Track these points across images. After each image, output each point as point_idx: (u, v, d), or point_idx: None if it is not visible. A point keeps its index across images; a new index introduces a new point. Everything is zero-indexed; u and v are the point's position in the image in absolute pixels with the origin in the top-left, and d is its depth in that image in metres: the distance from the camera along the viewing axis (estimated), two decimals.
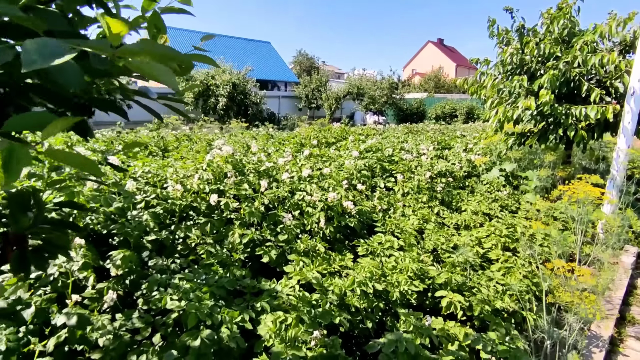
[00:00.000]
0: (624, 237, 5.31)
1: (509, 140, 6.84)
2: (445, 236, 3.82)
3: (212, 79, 20.36)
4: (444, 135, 10.17)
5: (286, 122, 21.86)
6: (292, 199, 3.73)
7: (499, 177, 6.23)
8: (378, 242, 3.47)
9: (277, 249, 3.12)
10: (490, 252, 3.66)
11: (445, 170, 5.98)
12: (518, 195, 6.00)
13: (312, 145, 6.24)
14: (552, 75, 5.24)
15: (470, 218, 4.44)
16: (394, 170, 5.41)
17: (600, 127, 5.89)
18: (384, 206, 4.50)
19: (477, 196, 5.40)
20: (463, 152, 6.77)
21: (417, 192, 4.96)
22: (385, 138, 8.04)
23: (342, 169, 4.85)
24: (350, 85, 26.17)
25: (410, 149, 6.68)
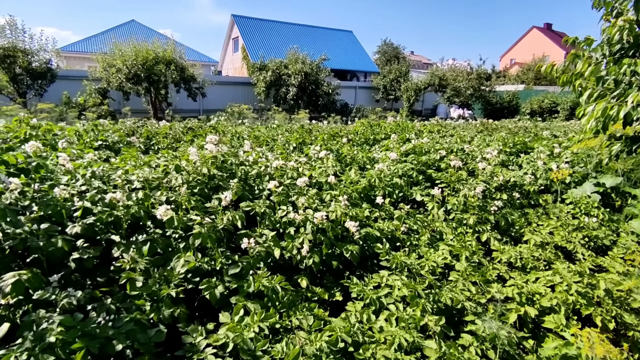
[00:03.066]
0: None
1: (614, 145, 5.15)
2: (483, 281, 2.70)
3: (284, 68, 20.18)
4: (529, 134, 8.39)
5: (355, 113, 20.87)
6: (275, 215, 2.92)
7: (590, 194, 4.67)
8: (375, 284, 2.51)
9: (227, 284, 2.36)
10: (546, 317, 2.46)
11: (511, 182, 4.64)
12: (619, 223, 4.41)
13: (342, 143, 5.31)
14: None
15: (531, 254, 3.19)
16: (439, 180, 4.27)
17: None
18: (413, 227, 3.47)
19: (553, 221, 4.02)
20: (544, 158, 5.26)
21: (463, 210, 3.80)
22: (443, 137, 6.74)
23: (365, 176, 3.89)
24: (432, 75, 24.09)
25: (472, 151, 5.39)
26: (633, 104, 3.94)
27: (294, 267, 2.83)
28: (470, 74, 24.12)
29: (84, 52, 28.62)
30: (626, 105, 4.01)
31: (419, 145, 4.87)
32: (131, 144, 4.94)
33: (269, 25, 31.85)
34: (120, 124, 6.11)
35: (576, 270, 2.76)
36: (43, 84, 16.59)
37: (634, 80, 4.24)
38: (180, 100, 19.65)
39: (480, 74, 24.41)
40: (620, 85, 4.34)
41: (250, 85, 22.12)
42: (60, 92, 17.15)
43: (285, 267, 2.90)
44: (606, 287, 2.69)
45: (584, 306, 2.47)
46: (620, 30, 4.21)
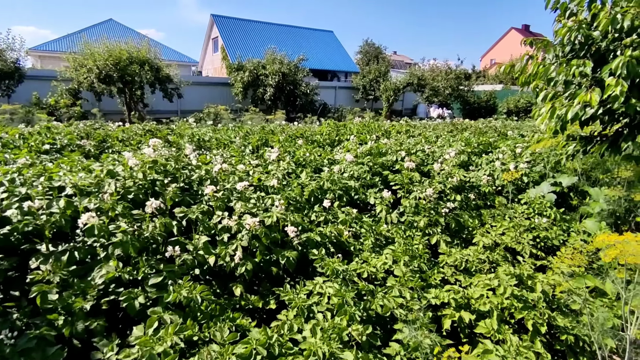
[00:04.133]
0: None
1: (570, 145, 5.20)
2: (420, 287, 2.65)
3: (262, 68, 20.01)
4: (497, 134, 8.47)
5: (332, 113, 20.85)
6: (210, 221, 2.81)
7: (547, 194, 4.69)
8: (307, 292, 2.43)
9: (148, 294, 2.25)
10: (480, 322, 2.42)
11: (469, 183, 4.63)
12: (571, 223, 4.45)
13: (298, 146, 5.23)
14: (629, 57, 3.66)
15: (477, 257, 3.17)
16: (393, 182, 4.23)
17: None
18: (361, 231, 3.41)
19: (506, 222, 4.02)
20: (503, 159, 5.28)
21: (415, 213, 3.76)
22: (410, 137, 6.73)
23: (315, 179, 3.82)
24: (411, 75, 24.24)
25: (432, 152, 5.37)
26: (580, 104, 3.97)
27: (230, 274, 2.74)
28: (448, 74, 24.37)
29: (59, 51, 27.83)
30: (573, 106, 4.04)
31: (375, 147, 4.82)
32: (82, 147, 4.76)
33: (249, 25, 31.59)
34: (74, 127, 5.88)
35: (514, 274, 2.74)
36: (10, 84, 16.05)
37: (584, 82, 4.27)
38: (157, 101, 19.28)
39: (458, 74, 24.68)
40: (570, 86, 4.38)
41: (228, 86, 21.88)
42: (30, 92, 16.62)
43: (221, 274, 2.80)
44: (543, 289, 2.67)
45: (518, 310, 2.44)
46: (570, 31, 4.23)
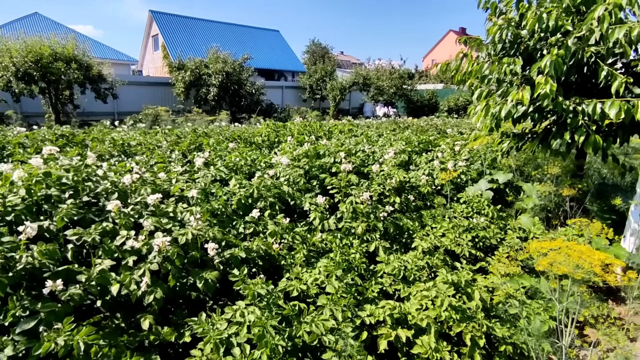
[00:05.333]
0: None
1: (504, 143, 5.29)
2: (354, 304, 2.42)
3: (205, 67, 19.15)
4: (437, 131, 8.59)
5: (278, 113, 20.50)
6: (112, 243, 2.39)
7: (481, 192, 4.70)
8: (227, 320, 2.11)
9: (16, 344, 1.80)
10: (418, 339, 2.23)
11: (409, 184, 4.52)
12: (507, 220, 4.48)
13: (231, 149, 4.86)
14: (555, 56, 3.69)
15: (415, 264, 3.00)
16: (331, 186, 3.99)
17: (626, 129, 4.29)
18: (296, 242, 3.13)
19: (445, 222, 3.93)
20: (441, 157, 5.25)
21: (353, 218, 3.54)
22: (352, 137, 6.57)
23: (244, 187, 3.48)
24: (356, 75, 24.45)
25: (373, 152, 5.22)
26: (513, 102, 3.99)
27: (139, 304, 2.34)
28: (393, 74, 24.89)
29: None
30: (506, 104, 4.05)
31: (312, 149, 4.57)
32: None
33: (191, 23, 30.27)
34: None
35: (452, 281, 2.59)
36: None
37: (515, 80, 4.32)
38: (91, 102, 17.77)
39: (402, 73, 25.29)
40: (502, 84, 4.42)
41: (170, 86, 20.72)
42: None
43: (129, 305, 2.39)
44: (481, 296, 2.55)
45: (456, 323, 2.28)
46: (501, 30, 4.26)
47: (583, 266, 1.83)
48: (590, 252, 1.87)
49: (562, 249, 1.91)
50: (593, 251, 1.89)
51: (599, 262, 1.81)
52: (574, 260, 1.83)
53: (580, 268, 1.84)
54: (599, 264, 1.80)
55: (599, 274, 1.78)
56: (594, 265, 1.79)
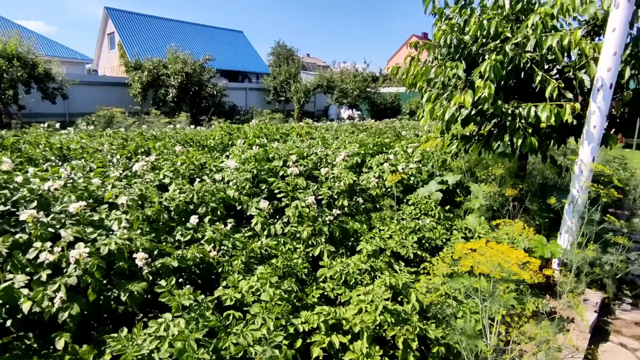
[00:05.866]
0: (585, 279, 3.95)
1: (453, 145, 5.43)
2: (289, 311, 2.36)
3: (163, 68, 18.56)
4: (397, 134, 8.72)
5: (241, 115, 20.22)
6: (24, 256, 2.21)
7: (429, 194, 4.79)
8: (152, 334, 1.99)
9: None
10: (352, 344, 2.21)
11: (359, 186, 4.53)
12: (454, 220, 4.59)
13: (179, 152, 4.69)
14: (494, 61, 3.81)
15: (357, 267, 2.99)
16: (278, 189, 3.93)
17: (561, 132, 4.50)
18: (237, 247, 3.03)
19: (393, 224, 3.96)
20: (393, 160, 5.32)
21: (299, 222, 3.49)
22: (309, 139, 6.54)
23: (185, 192, 3.35)
24: (321, 77, 24.56)
25: (325, 155, 5.19)
26: (456, 105, 4.09)
27: (54, 322, 2.16)
28: (356, 76, 25.18)
29: None
30: (450, 108, 4.15)
31: (262, 152, 4.49)
32: None
33: (150, 22, 29.30)
34: None
35: (391, 284, 2.59)
36: None
37: (459, 83, 4.44)
38: (38, 103, 16.74)
39: (366, 76, 25.63)
40: (448, 88, 4.52)
41: (126, 86, 19.92)
42: None
43: (44, 323, 2.21)
44: (417, 298, 2.57)
45: (390, 326, 2.27)
46: (445, 35, 4.36)
47: (503, 265, 1.86)
48: (509, 252, 1.91)
49: (484, 249, 1.95)
50: (512, 250, 1.93)
51: (516, 260, 1.85)
52: (493, 260, 1.86)
53: (501, 267, 1.88)
54: (516, 262, 1.84)
55: (516, 272, 1.82)
56: (511, 264, 1.83)
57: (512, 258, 1.84)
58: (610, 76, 3.70)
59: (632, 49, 4.01)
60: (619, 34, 3.61)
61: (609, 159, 7.82)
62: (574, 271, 3.88)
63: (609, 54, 3.67)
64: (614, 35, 3.63)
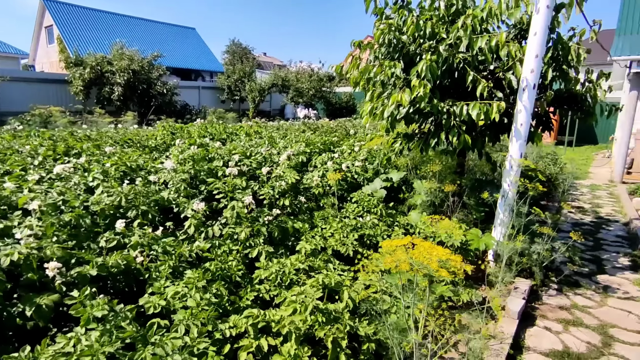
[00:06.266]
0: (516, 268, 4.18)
1: (397, 143, 5.54)
2: (216, 317, 2.28)
3: (108, 64, 17.58)
4: (347, 132, 8.80)
5: (193, 115, 19.64)
6: None
7: (372, 192, 4.87)
8: (39, 353, 1.83)
9: None
10: (281, 347, 2.17)
11: (302, 185, 4.50)
12: (397, 216, 4.68)
13: (111, 153, 4.45)
14: (429, 61, 3.92)
15: (296, 266, 2.96)
16: (217, 190, 3.81)
17: (494, 130, 4.73)
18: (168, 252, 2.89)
19: (335, 223, 3.97)
20: (336, 159, 5.34)
21: (237, 224, 3.40)
22: (257, 139, 6.44)
23: (113, 195, 3.16)
24: (275, 76, 24.36)
25: (269, 154, 5.12)
26: (394, 104, 4.18)
27: None
28: (312, 76, 25.22)
29: None
30: (389, 106, 4.23)
31: (200, 151, 4.34)
32: None
33: (93, 15, 27.63)
34: None
35: (323, 283, 2.58)
36: None
37: (398, 83, 4.54)
38: None
39: (321, 76, 25.73)
40: (387, 87, 4.61)
41: (67, 84, 18.65)
42: None
43: None
44: (350, 296, 2.57)
45: (320, 326, 2.26)
46: (383, 34, 4.44)
47: (424, 262, 1.90)
48: (431, 249, 1.95)
49: (418, 247, 1.98)
50: (435, 247, 1.98)
51: (437, 257, 1.90)
52: (416, 258, 1.90)
53: (423, 265, 1.92)
54: (436, 259, 1.89)
55: (435, 268, 1.87)
56: (432, 261, 1.87)
57: (433, 255, 1.89)
58: (533, 77, 3.93)
59: (552, 52, 4.28)
60: (540, 37, 3.84)
61: (542, 155, 8.36)
62: (505, 261, 4.09)
63: (532, 56, 3.89)
64: (536, 38, 3.86)
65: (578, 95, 4.63)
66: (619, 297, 4.02)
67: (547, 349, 3.23)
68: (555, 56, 4.30)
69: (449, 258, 1.94)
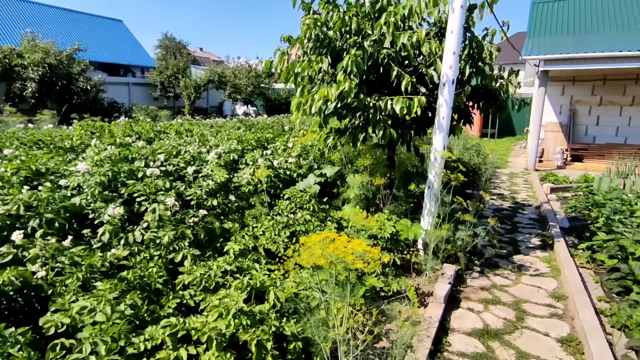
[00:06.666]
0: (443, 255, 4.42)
1: (329, 138, 5.57)
2: (127, 330, 2.11)
3: (18, 57, 15.83)
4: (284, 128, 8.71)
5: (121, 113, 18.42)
6: None
7: (304, 187, 4.86)
8: None
9: None
10: (203, 355, 2.06)
11: (233, 184, 4.37)
12: (330, 211, 4.72)
13: (12, 156, 4.00)
14: (354, 56, 3.96)
15: (222, 268, 2.84)
16: (138, 193, 3.56)
17: (419, 123, 4.93)
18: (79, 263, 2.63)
19: (266, 221, 3.90)
20: (269, 155, 5.26)
21: (159, 227, 3.20)
22: (188, 137, 6.15)
23: (8, 203, 2.82)
24: (212, 72, 23.56)
25: (199, 153, 4.90)
26: (322, 100, 4.18)
27: None
28: (250, 72, 24.73)
29: None
30: (316, 102, 4.23)
31: (119, 152, 4.04)
32: None
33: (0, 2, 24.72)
34: None
35: (249, 284, 2.51)
36: None
37: (326, 78, 4.56)
38: None
39: (259, 72, 25.32)
40: (315, 82, 4.62)
41: None
42: None
43: None
44: (276, 296, 2.52)
45: (244, 329, 2.18)
46: (310, 30, 4.43)
47: (341, 256, 1.91)
48: (347, 243, 1.96)
49: (327, 242, 1.98)
50: (353, 241, 2.00)
51: (352, 250, 1.91)
52: (333, 252, 1.90)
53: (339, 259, 1.92)
54: (351, 253, 1.90)
55: (350, 261, 1.88)
56: (346, 255, 1.88)
57: (349, 249, 1.89)
58: (452, 73, 4.14)
59: (469, 49, 4.54)
60: (456, 35, 4.05)
61: (468, 147, 8.92)
62: (432, 249, 4.29)
63: (450, 52, 4.09)
64: (453, 36, 4.06)
65: (493, 90, 4.96)
66: (531, 275, 4.40)
67: (469, 329, 3.43)
68: (471, 53, 4.56)
69: (365, 250, 1.96)
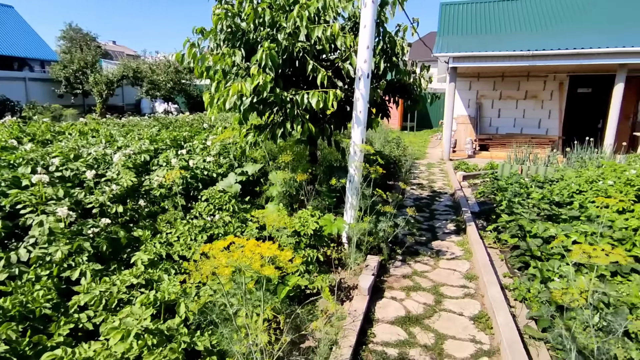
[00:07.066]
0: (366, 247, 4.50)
1: (249, 135, 5.38)
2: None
3: None
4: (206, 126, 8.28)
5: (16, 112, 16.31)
6: None
7: (224, 187, 4.64)
8: None
9: None
10: None
11: (143, 187, 4.00)
12: (251, 211, 4.54)
13: None
14: (268, 49, 3.81)
15: (125, 284, 2.55)
16: (22, 203, 3.07)
17: (339, 118, 4.95)
18: None
19: (182, 226, 3.62)
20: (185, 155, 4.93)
21: (49, 242, 2.79)
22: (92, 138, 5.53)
23: None
24: (125, 67, 21.75)
25: (104, 155, 4.42)
26: (236, 94, 3.99)
27: None
28: (168, 67, 23.27)
29: None
30: (230, 97, 4.03)
31: (2, 156, 3.49)
32: None
33: None
34: None
35: (156, 299, 2.27)
36: None
37: (240, 72, 4.38)
38: None
39: (179, 67, 23.94)
40: (230, 76, 4.41)
41: None
42: None
43: None
44: (188, 308, 2.32)
45: (149, 351, 1.96)
46: (220, 21, 4.20)
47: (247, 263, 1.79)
48: (254, 247, 1.85)
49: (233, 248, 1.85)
50: (257, 246, 1.89)
51: (259, 255, 1.80)
52: (235, 260, 1.77)
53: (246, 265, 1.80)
54: (258, 258, 1.79)
55: (257, 269, 1.77)
56: (253, 262, 1.77)
57: (256, 254, 1.78)
58: (367, 67, 4.19)
59: (382, 44, 4.64)
60: (369, 30, 4.10)
61: (389, 140, 9.28)
62: (355, 242, 4.34)
63: (364, 47, 4.13)
64: (366, 30, 4.10)
65: (407, 84, 5.14)
66: (447, 259, 4.66)
67: (393, 317, 3.51)
68: (385, 48, 4.67)
69: (275, 254, 1.86)
